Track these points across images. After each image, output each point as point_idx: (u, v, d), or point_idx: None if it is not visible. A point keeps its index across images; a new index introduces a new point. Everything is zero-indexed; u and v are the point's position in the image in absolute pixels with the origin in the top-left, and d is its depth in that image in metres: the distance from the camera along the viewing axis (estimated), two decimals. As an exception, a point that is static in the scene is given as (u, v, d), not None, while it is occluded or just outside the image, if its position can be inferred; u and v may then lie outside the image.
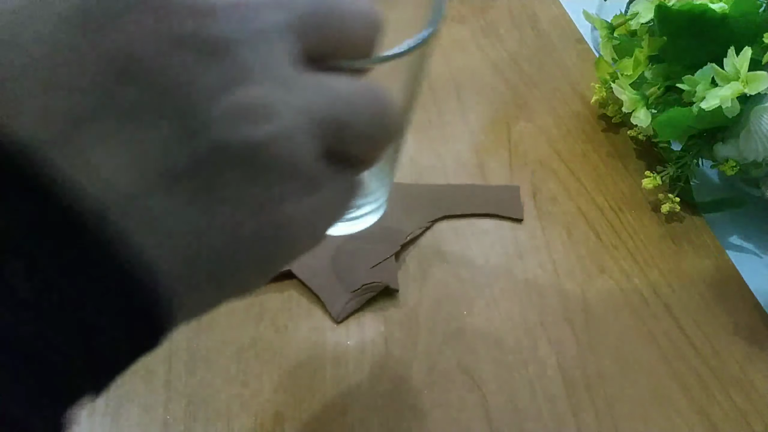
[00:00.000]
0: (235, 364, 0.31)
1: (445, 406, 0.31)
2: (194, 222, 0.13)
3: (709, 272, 0.38)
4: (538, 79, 0.50)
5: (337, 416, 0.30)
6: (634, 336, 0.34)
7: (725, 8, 0.36)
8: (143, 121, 0.12)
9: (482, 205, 0.39)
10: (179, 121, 0.12)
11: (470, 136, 0.44)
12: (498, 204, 0.39)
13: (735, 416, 0.31)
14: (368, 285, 0.34)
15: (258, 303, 0.33)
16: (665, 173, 0.40)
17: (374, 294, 0.34)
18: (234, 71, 0.13)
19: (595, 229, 0.39)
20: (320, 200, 0.15)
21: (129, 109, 0.12)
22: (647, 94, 0.41)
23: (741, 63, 0.35)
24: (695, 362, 0.33)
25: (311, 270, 0.34)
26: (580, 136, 0.45)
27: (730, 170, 0.38)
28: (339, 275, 0.34)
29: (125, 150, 0.12)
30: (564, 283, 0.36)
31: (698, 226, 0.40)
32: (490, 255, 0.37)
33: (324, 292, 0.34)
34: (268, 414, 0.30)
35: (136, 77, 0.12)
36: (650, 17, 0.40)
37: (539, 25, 0.55)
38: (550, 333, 0.34)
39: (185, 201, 0.13)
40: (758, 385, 0.33)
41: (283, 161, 0.14)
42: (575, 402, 0.31)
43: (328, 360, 0.32)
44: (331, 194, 0.16)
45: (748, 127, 0.37)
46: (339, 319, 0.33)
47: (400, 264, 0.36)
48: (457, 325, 0.34)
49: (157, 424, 0.29)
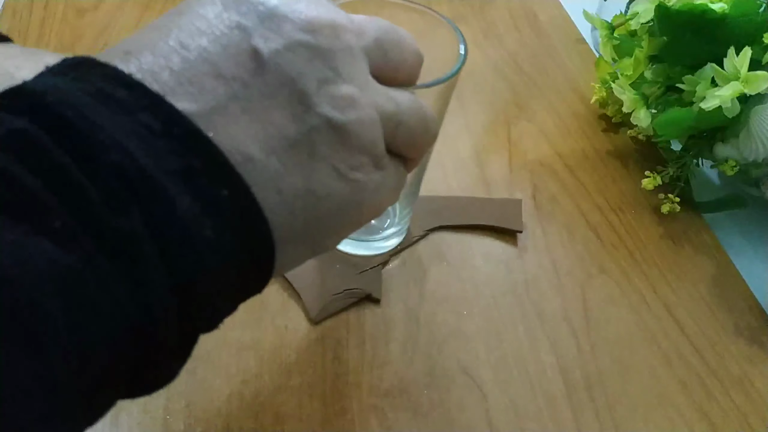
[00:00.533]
0: (235, 364, 0.31)
1: (445, 406, 0.31)
2: (297, 182, 0.18)
3: (709, 272, 0.38)
4: (538, 79, 0.50)
5: (337, 416, 0.30)
6: (634, 336, 0.34)
7: (725, 8, 0.36)
8: (270, 103, 0.17)
9: (482, 217, 0.38)
10: (295, 103, 0.17)
11: (470, 136, 0.44)
12: (499, 217, 0.39)
13: (735, 416, 0.31)
14: (350, 290, 0.34)
15: (258, 303, 0.33)
16: (665, 173, 0.40)
17: (355, 300, 0.34)
18: (332, 72, 0.18)
19: (595, 229, 0.39)
20: (384, 176, 0.20)
21: (259, 95, 0.17)
22: (647, 94, 0.41)
23: (741, 63, 0.35)
24: (695, 362, 0.33)
25: (298, 269, 0.34)
26: (580, 136, 0.45)
27: (730, 170, 0.38)
28: (324, 277, 0.34)
29: (255, 123, 0.17)
30: (564, 283, 0.36)
31: (698, 226, 0.40)
32: (490, 255, 0.37)
33: (306, 292, 0.34)
34: (268, 414, 0.30)
35: (265, 70, 0.17)
36: (650, 17, 0.40)
37: (539, 25, 0.55)
38: (550, 333, 0.34)
39: (293, 164, 0.17)
40: (758, 385, 0.33)
41: (363, 137, 0.18)
42: (575, 402, 0.31)
43: (328, 360, 0.32)
44: (391, 174, 0.20)
45: (748, 127, 0.37)
46: (316, 320, 0.33)
47: (400, 265, 0.36)
48: (457, 325, 0.34)
49: (157, 424, 0.29)
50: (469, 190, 0.41)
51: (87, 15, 0.51)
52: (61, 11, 0.52)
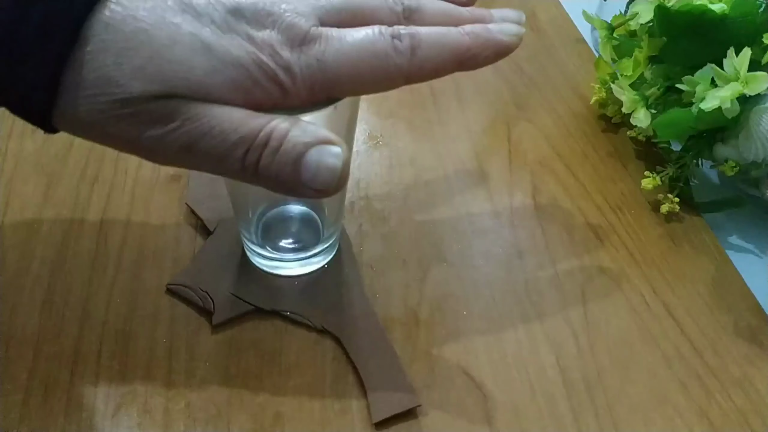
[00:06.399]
0: (235, 364, 0.31)
1: (445, 406, 0.31)
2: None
3: (709, 272, 0.38)
4: (538, 79, 0.50)
5: (337, 416, 0.30)
6: (634, 336, 0.34)
7: (725, 9, 0.36)
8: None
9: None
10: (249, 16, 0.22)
11: (470, 136, 0.45)
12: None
13: (735, 416, 0.31)
14: (247, 302, 0.33)
15: (258, 303, 0.33)
16: (665, 173, 0.40)
17: (246, 310, 0.33)
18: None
19: (595, 229, 0.39)
20: (288, 58, 0.22)
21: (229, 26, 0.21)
22: (647, 94, 0.41)
23: (741, 63, 0.35)
24: (695, 362, 0.33)
25: None
26: (580, 136, 0.45)
27: (730, 170, 0.39)
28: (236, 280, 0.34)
29: None
30: (564, 283, 0.36)
31: (698, 226, 0.40)
32: (490, 255, 0.37)
33: (212, 294, 0.33)
34: (268, 414, 0.30)
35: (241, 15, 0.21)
36: (650, 18, 0.40)
37: (539, 25, 0.55)
38: (550, 333, 0.34)
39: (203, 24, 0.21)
40: (758, 385, 0.33)
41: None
42: (575, 402, 0.31)
43: (328, 359, 0.32)
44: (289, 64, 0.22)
45: (747, 128, 0.37)
46: (215, 323, 0.32)
47: (399, 262, 0.36)
48: (457, 325, 0.34)
49: (157, 424, 0.29)
50: (469, 190, 0.41)
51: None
52: (61, 11, 0.51)
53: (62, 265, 0.35)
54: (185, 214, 0.37)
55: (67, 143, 0.41)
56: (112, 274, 0.34)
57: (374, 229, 0.38)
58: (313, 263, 0.35)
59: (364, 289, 0.34)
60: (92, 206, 0.38)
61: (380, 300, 0.34)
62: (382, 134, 0.44)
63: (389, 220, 0.38)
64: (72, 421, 0.29)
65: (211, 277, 0.34)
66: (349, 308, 0.33)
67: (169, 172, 0.40)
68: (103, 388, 0.30)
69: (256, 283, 0.34)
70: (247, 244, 0.34)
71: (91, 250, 0.35)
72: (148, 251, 0.35)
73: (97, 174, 0.39)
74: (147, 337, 0.32)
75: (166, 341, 0.32)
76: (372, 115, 0.45)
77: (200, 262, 0.35)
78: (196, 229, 0.37)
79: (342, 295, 0.34)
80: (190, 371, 0.31)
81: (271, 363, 0.31)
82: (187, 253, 0.35)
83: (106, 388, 0.30)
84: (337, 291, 0.34)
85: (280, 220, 0.35)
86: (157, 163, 0.23)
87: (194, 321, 0.33)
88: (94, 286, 0.34)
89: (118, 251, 0.35)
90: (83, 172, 0.39)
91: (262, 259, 0.34)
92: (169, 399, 0.30)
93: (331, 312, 0.33)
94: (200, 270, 0.34)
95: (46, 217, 0.37)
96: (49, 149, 0.40)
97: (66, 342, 0.32)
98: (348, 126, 0.28)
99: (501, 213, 0.40)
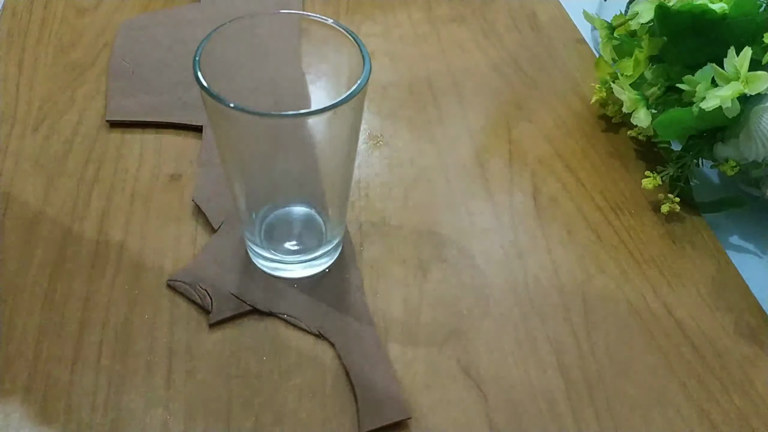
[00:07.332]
0: (234, 364, 0.31)
1: (445, 406, 0.31)
2: None
3: (709, 272, 0.38)
4: (538, 79, 0.50)
5: (337, 416, 0.30)
6: (634, 336, 0.34)
7: (725, 8, 0.36)
8: None
9: None
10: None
11: (470, 136, 0.45)
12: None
13: (735, 416, 0.31)
14: (245, 302, 0.33)
15: (258, 303, 0.33)
16: (665, 173, 0.40)
17: (244, 311, 0.33)
18: None
19: (595, 229, 0.39)
20: None
21: None
22: (647, 94, 0.41)
23: (741, 63, 0.35)
24: (695, 362, 0.33)
25: None
26: (580, 136, 0.45)
27: (730, 170, 0.38)
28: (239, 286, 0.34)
29: None
30: (564, 283, 0.36)
31: (698, 226, 0.40)
32: (490, 255, 0.37)
33: (212, 292, 0.33)
34: (268, 414, 0.30)
35: None
36: (650, 17, 0.40)
37: (539, 25, 0.55)
38: (550, 333, 0.34)
39: None
40: (758, 386, 0.33)
41: None
42: (575, 402, 0.31)
43: (328, 359, 0.32)
44: None
45: (748, 127, 0.37)
46: (211, 322, 0.32)
47: (399, 262, 0.36)
48: (457, 325, 0.34)
49: (157, 424, 0.29)
50: (469, 190, 0.41)
51: (87, 15, 0.51)
52: (61, 11, 0.52)
53: (62, 265, 0.35)
54: (186, 213, 0.37)
55: (67, 143, 0.41)
56: (112, 274, 0.34)
57: (374, 229, 0.38)
58: (314, 266, 0.35)
59: (364, 296, 0.34)
60: (92, 206, 0.38)
61: (380, 300, 0.34)
62: (382, 134, 0.44)
63: (389, 220, 0.38)
64: (72, 421, 0.29)
65: (212, 276, 0.34)
66: (347, 315, 0.33)
67: (169, 172, 0.40)
68: (103, 388, 0.30)
69: (257, 284, 0.34)
70: (249, 245, 0.34)
71: (91, 250, 0.35)
72: (148, 251, 0.35)
73: (97, 174, 0.39)
74: (147, 337, 0.32)
75: (166, 341, 0.32)
76: (372, 115, 0.45)
77: (202, 259, 0.35)
78: (196, 229, 0.37)
79: (341, 300, 0.34)
80: (190, 371, 0.31)
81: (271, 363, 0.31)
82: (187, 253, 0.36)
83: (106, 388, 0.30)
84: (337, 296, 0.34)
85: (283, 222, 0.35)
86: None
87: (194, 321, 0.33)
88: (94, 286, 0.34)
89: (118, 251, 0.35)
90: (83, 172, 0.39)
91: (264, 260, 0.34)
92: (169, 399, 0.30)
93: (328, 317, 0.33)
94: (202, 268, 0.34)
95: (46, 217, 0.37)
96: (49, 149, 0.41)
97: (66, 342, 0.32)
98: (351, 128, 0.28)
99: (501, 213, 0.40)
